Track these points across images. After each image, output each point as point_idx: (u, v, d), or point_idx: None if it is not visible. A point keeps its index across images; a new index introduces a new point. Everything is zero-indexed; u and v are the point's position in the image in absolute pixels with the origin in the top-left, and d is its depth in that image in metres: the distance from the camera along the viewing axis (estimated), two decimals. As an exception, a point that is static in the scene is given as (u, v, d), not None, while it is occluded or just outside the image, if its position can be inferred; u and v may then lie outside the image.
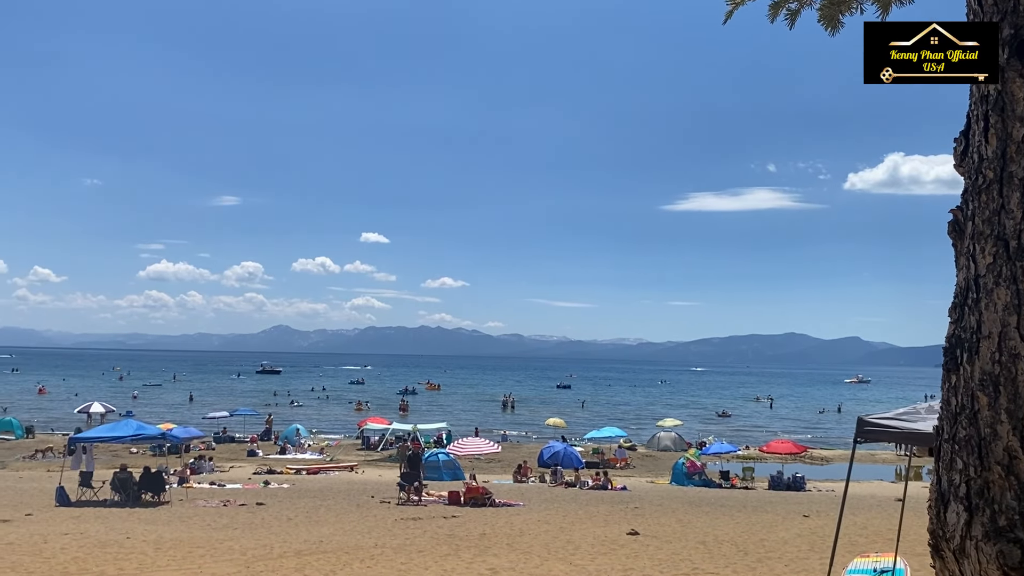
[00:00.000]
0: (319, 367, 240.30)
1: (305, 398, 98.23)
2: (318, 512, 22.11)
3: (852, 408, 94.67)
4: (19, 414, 62.65)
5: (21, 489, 27.78)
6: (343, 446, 49.58)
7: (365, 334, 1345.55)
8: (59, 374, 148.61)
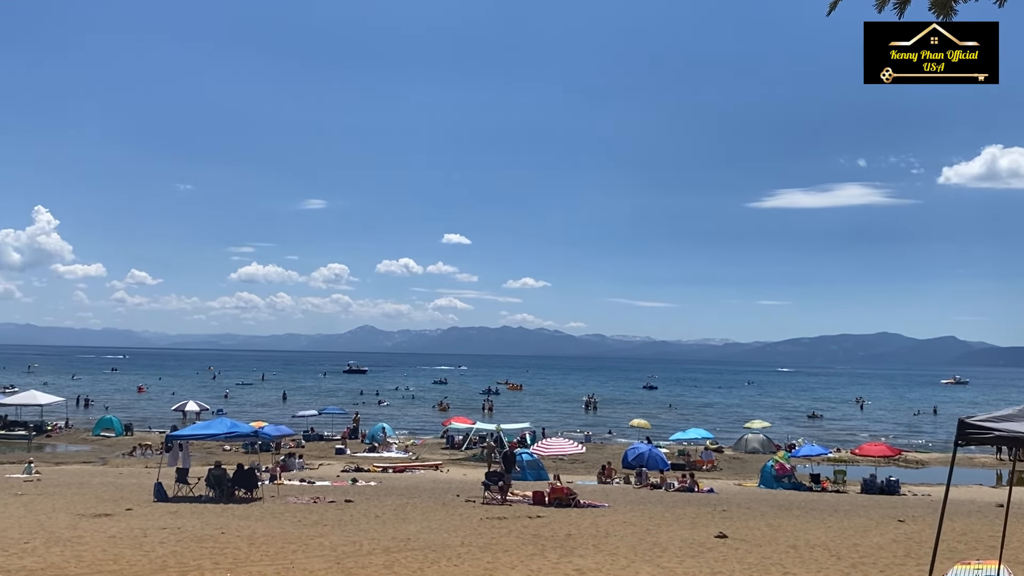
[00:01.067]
0: (403, 367, 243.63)
1: (390, 397, 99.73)
2: (405, 510, 22.36)
3: (949, 410, 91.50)
4: (119, 412, 65.22)
5: (121, 484, 28.86)
6: (428, 445, 50.11)
7: (448, 334, 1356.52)
8: (155, 373, 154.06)
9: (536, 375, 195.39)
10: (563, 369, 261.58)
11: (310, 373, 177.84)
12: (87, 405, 75.88)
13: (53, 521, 18.52)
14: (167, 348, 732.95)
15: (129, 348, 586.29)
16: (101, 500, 23.24)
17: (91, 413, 67.95)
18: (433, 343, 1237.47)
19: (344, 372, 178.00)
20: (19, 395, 59.84)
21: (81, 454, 44.92)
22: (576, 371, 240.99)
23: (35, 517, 19.16)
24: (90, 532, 16.79)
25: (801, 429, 69.23)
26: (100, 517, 19.40)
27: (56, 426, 54.12)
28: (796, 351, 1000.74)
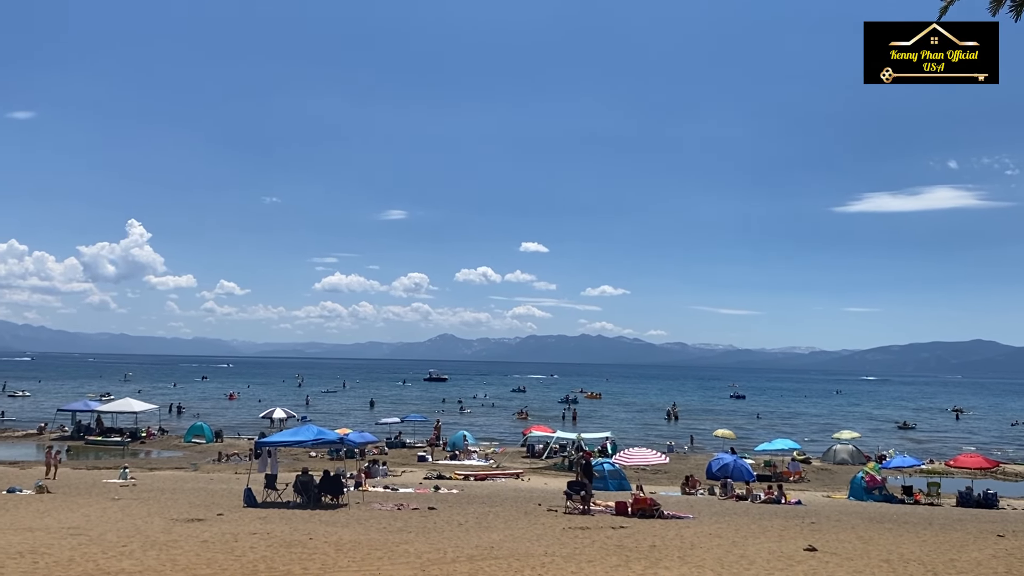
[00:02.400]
0: (482, 375, 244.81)
1: (470, 405, 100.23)
2: (487, 518, 22.41)
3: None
4: (209, 419, 67.13)
5: (212, 490, 29.64)
6: (508, 453, 50.17)
7: (526, 343, 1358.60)
8: (244, 381, 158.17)
9: (616, 384, 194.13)
10: (643, 378, 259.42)
11: (392, 381, 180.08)
12: (179, 412, 78.23)
13: (149, 525, 19.10)
14: (255, 356, 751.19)
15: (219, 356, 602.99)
16: (193, 505, 23.88)
17: (183, 420, 70.03)
18: (512, 351, 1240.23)
19: (425, 380, 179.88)
20: (115, 403, 62.13)
21: (173, 460, 46.28)
22: (656, 380, 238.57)
23: (132, 521, 19.79)
24: (184, 537, 17.26)
25: (892, 440, 67.14)
26: (193, 522, 19.93)
27: (150, 432, 55.92)
28: (886, 359, 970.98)
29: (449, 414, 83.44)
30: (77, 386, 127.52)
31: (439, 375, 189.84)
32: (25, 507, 22.26)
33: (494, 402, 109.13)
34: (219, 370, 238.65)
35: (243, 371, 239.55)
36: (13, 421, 65.24)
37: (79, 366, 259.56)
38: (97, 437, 53.17)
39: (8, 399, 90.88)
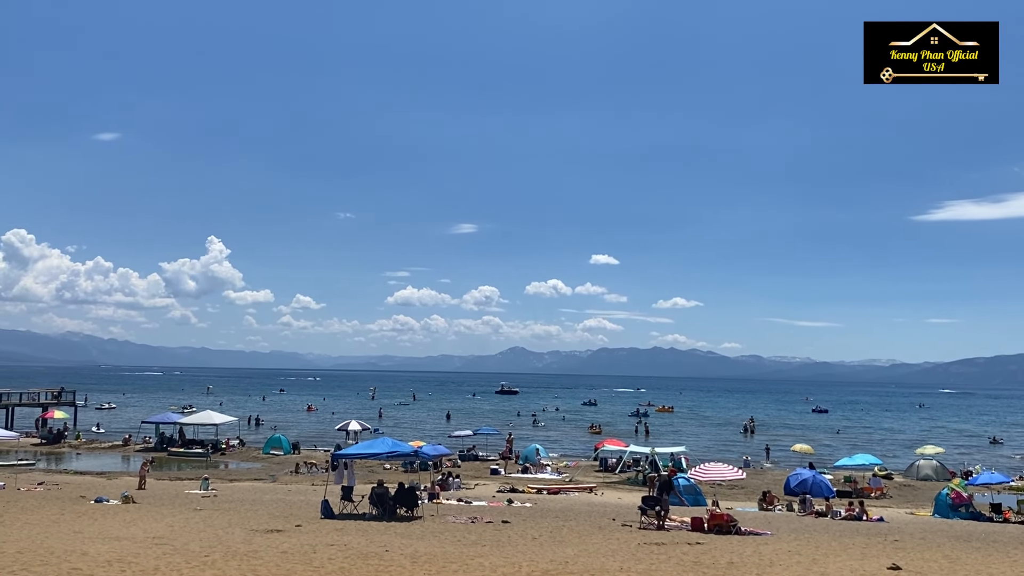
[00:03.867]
0: (554, 388, 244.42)
1: (542, 418, 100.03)
2: (561, 532, 22.32)
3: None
4: (287, 431, 68.41)
5: (290, 501, 30.16)
6: (581, 467, 49.92)
7: (597, 355, 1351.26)
8: (320, 394, 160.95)
9: (689, 397, 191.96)
10: (717, 391, 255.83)
11: (463, 394, 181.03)
12: (258, 424, 79.87)
13: (230, 535, 19.52)
14: (330, 369, 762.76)
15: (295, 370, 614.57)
16: (272, 516, 24.33)
17: (261, 432, 71.45)
18: (583, 364, 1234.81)
19: (496, 393, 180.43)
20: (196, 415, 63.70)
21: (252, 471, 47.22)
22: (731, 393, 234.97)
23: (213, 531, 20.25)
24: (264, 547, 17.59)
25: (979, 455, 64.85)
26: (272, 533, 20.31)
27: (229, 444, 57.17)
28: (970, 372, 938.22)
29: (521, 427, 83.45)
30: (160, 398, 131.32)
31: (510, 388, 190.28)
32: (112, 517, 22.96)
33: (565, 415, 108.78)
34: (297, 383, 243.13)
35: (318, 384, 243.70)
36: (103, 433, 67.47)
37: (162, 379, 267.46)
38: (179, 448, 54.56)
39: (95, 411, 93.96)
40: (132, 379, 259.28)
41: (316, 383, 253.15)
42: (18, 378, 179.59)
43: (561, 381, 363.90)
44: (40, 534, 18.61)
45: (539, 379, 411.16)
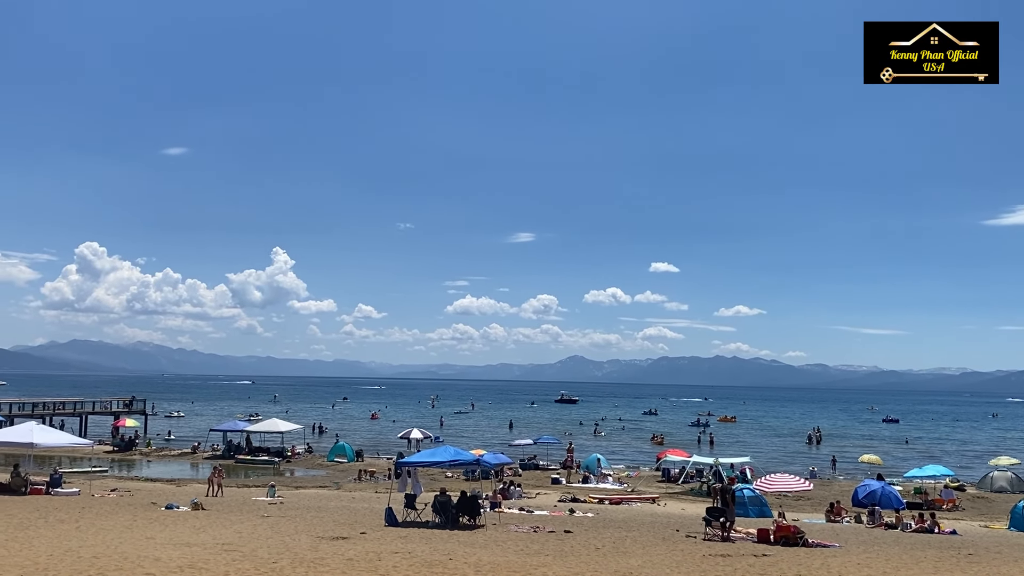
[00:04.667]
0: (613, 397, 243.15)
1: (603, 427, 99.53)
2: (624, 543, 22.16)
3: None
4: (350, 439, 69.26)
5: (354, 509, 30.48)
6: (643, 477, 49.55)
7: (658, 364, 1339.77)
8: (381, 402, 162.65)
9: (753, 407, 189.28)
10: (781, 400, 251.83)
11: (522, 402, 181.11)
12: (321, 432, 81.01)
13: (296, 542, 19.80)
14: (391, 378, 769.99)
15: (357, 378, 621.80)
16: (337, 523, 24.61)
17: (324, 440, 72.40)
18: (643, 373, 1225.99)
19: (555, 402, 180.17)
20: (263, 423, 64.82)
21: (317, 479, 47.88)
22: (796, 403, 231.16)
23: (280, 538, 20.55)
24: (330, 554, 17.80)
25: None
26: (338, 540, 20.53)
27: (294, 452, 58.05)
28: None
29: (581, 437, 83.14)
30: (227, 407, 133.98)
31: (570, 397, 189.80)
32: (182, 523, 23.45)
33: (625, 425, 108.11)
34: (360, 391, 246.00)
35: (380, 392, 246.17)
36: (174, 440, 69.13)
37: (229, 387, 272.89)
38: (247, 456, 55.58)
39: (164, 419, 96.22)
40: (199, 387, 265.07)
41: (379, 391, 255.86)
42: (90, 387, 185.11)
43: (621, 390, 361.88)
44: (114, 539, 19.09)
45: (599, 388, 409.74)
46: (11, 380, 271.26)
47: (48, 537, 18.99)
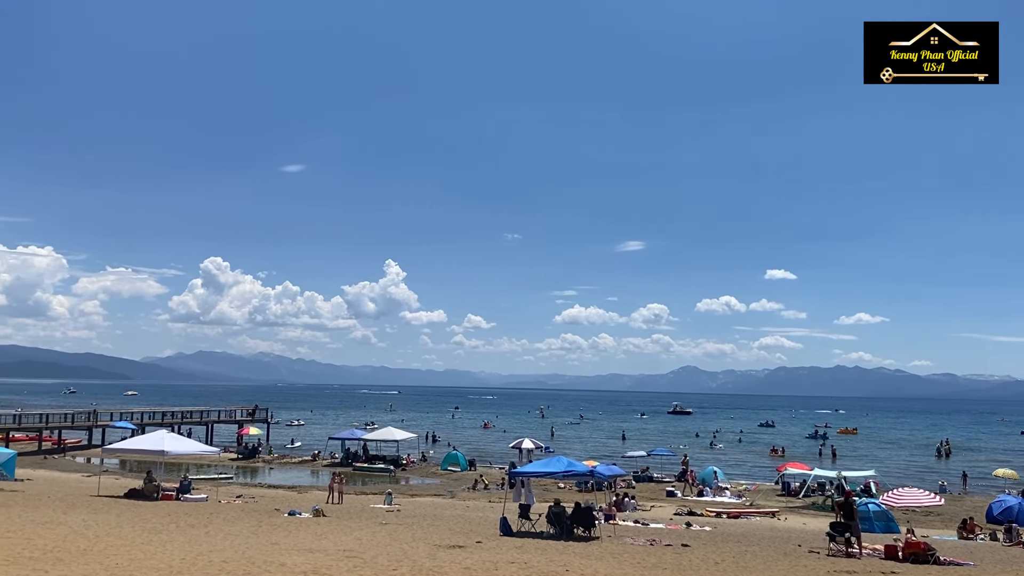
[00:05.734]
0: (729, 408, 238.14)
1: (719, 439, 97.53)
2: (745, 558, 21.61)
3: None
4: (462, 448, 70.01)
5: (469, 517, 30.72)
6: (762, 491, 48.28)
7: (775, 375, 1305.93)
8: (492, 412, 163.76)
9: (876, 418, 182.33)
10: (907, 412, 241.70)
11: (633, 413, 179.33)
12: (434, 440, 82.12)
13: (414, 550, 20.06)
14: (500, 388, 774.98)
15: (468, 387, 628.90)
16: (453, 532, 24.84)
17: (438, 448, 73.35)
18: (759, 384, 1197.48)
19: (668, 413, 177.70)
20: (379, 431, 66.17)
21: (432, 487, 48.51)
22: (923, 414, 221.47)
23: (399, 546, 20.87)
24: (448, 563, 17.96)
25: None
26: (454, 548, 20.71)
27: (409, 460, 59.01)
28: None
29: (696, 448, 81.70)
30: (345, 415, 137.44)
31: (683, 408, 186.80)
32: (305, 529, 24.10)
33: (741, 437, 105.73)
34: (471, 401, 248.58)
35: (491, 402, 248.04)
36: (296, 448, 71.35)
37: (346, 396, 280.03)
38: (363, 464, 56.81)
39: (286, 427, 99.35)
40: (316, 396, 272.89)
41: (489, 401, 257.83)
42: (215, 396, 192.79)
43: (737, 402, 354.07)
44: (241, 545, 19.76)
45: (713, 399, 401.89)
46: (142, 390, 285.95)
47: (180, 541, 19.80)
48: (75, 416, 70.56)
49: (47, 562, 15.86)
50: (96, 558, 16.59)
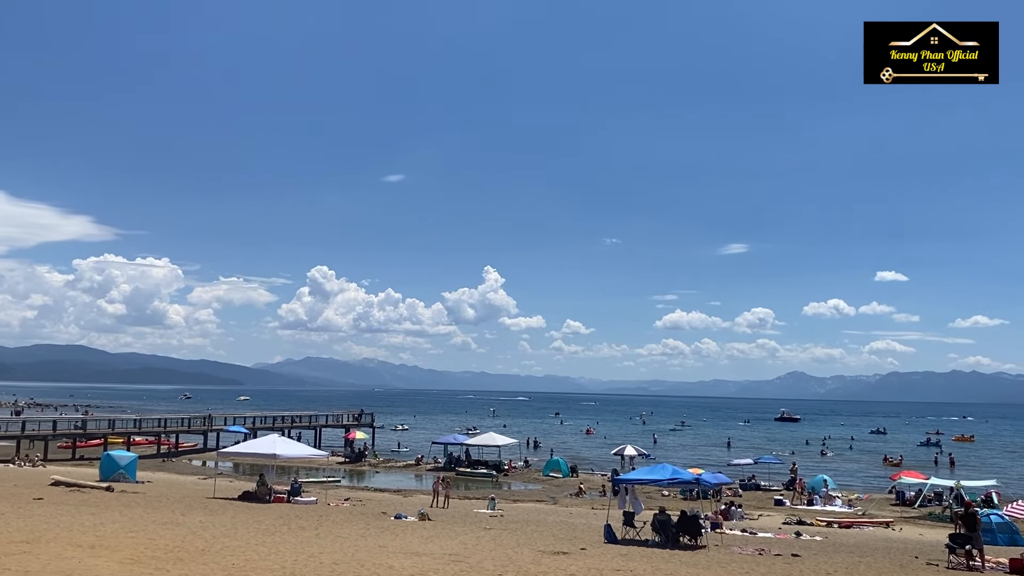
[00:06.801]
0: (838, 415, 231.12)
1: (830, 447, 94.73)
2: (859, 569, 20.94)
3: None
4: (564, 454, 69.90)
5: (572, 524, 30.66)
6: (874, 500, 46.62)
7: (887, 380, 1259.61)
8: (593, 418, 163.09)
9: (997, 425, 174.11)
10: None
11: (737, 420, 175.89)
12: (536, 446, 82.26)
13: (519, 555, 20.13)
14: (601, 394, 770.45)
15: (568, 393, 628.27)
16: (557, 538, 24.82)
17: (539, 454, 73.43)
18: (871, 390, 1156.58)
19: (775, 420, 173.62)
20: (481, 436, 66.66)
21: (534, 493, 48.61)
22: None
23: (503, 551, 20.98)
24: (552, 569, 17.97)
25: None
26: (559, 555, 20.69)
27: (511, 465, 59.25)
28: None
29: (805, 456, 79.52)
30: (447, 420, 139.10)
31: (790, 415, 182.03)
32: (411, 533, 24.48)
33: (852, 444, 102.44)
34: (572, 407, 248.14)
35: (591, 408, 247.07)
36: (403, 452, 72.62)
37: (448, 401, 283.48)
38: (466, 468, 57.33)
39: (390, 432, 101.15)
40: (419, 401, 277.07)
41: (590, 407, 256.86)
42: (321, 401, 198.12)
43: (847, 408, 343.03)
44: (350, 547, 20.20)
45: (821, 405, 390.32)
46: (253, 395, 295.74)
47: (292, 543, 20.37)
48: (191, 421, 73.44)
49: (168, 561, 16.54)
50: (214, 558, 17.22)
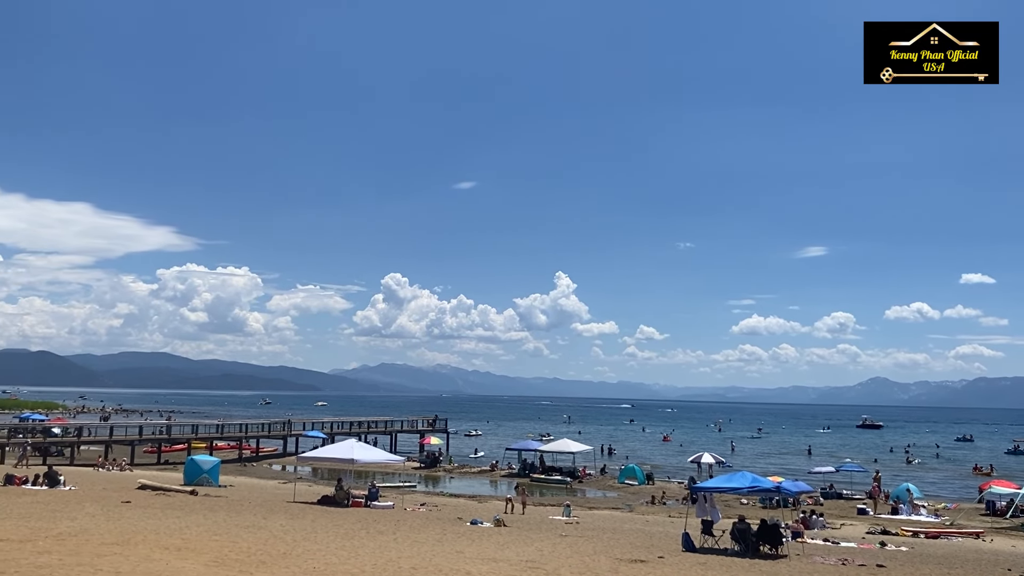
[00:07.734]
0: (923, 422, 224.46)
1: (915, 454, 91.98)
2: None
3: None
4: (639, 461, 69.29)
5: (649, 532, 30.34)
6: (963, 510, 45.07)
7: (974, 385, 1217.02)
8: (669, 425, 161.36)
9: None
10: None
11: (817, 427, 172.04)
12: (611, 453, 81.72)
13: (596, 563, 19.99)
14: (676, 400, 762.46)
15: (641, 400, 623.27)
16: (634, 546, 24.60)
17: (614, 461, 72.93)
18: (957, 396, 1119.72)
19: (857, 427, 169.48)
20: (554, 443, 66.51)
21: (609, 500, 48.28)
22: None
23: (580, 558, 20.86)
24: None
25: None
26: (636, 563, 20.50)
27: (585, 472, 58.97)
28: None
29: (889, 464, 77.35)
30: (521, 427, 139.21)
31: (873, 422, 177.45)
32: (487, 539, 24.52)
33: (939, 452, 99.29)
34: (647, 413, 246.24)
35: (668, 415, 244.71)
36: (479, 457, 72.93)
37: (522, 408, 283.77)
38: (540, 475, 57.24)
39: (464, 438, 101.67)
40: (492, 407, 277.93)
41: (668, 414, 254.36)
42: (396, 407, 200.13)
43: (932, 415, 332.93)
44: (428, 552, 20.32)
45: (905, 412, 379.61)
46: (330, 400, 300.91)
47: (370, 547, 20.59)
48: (271, 426, 75.00)
49: (251, 564, 16.88)
50: (295, 562, 17.51)
